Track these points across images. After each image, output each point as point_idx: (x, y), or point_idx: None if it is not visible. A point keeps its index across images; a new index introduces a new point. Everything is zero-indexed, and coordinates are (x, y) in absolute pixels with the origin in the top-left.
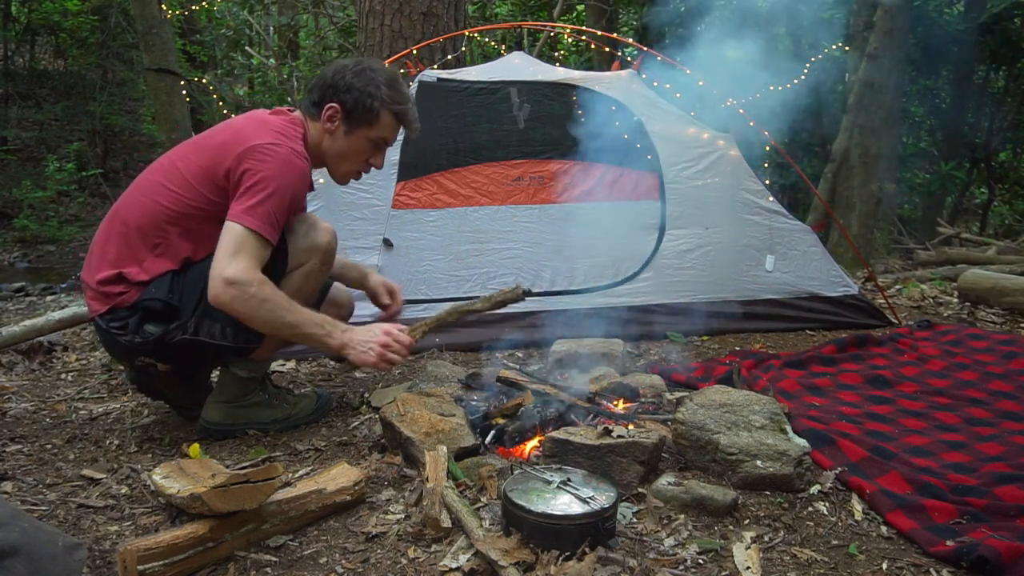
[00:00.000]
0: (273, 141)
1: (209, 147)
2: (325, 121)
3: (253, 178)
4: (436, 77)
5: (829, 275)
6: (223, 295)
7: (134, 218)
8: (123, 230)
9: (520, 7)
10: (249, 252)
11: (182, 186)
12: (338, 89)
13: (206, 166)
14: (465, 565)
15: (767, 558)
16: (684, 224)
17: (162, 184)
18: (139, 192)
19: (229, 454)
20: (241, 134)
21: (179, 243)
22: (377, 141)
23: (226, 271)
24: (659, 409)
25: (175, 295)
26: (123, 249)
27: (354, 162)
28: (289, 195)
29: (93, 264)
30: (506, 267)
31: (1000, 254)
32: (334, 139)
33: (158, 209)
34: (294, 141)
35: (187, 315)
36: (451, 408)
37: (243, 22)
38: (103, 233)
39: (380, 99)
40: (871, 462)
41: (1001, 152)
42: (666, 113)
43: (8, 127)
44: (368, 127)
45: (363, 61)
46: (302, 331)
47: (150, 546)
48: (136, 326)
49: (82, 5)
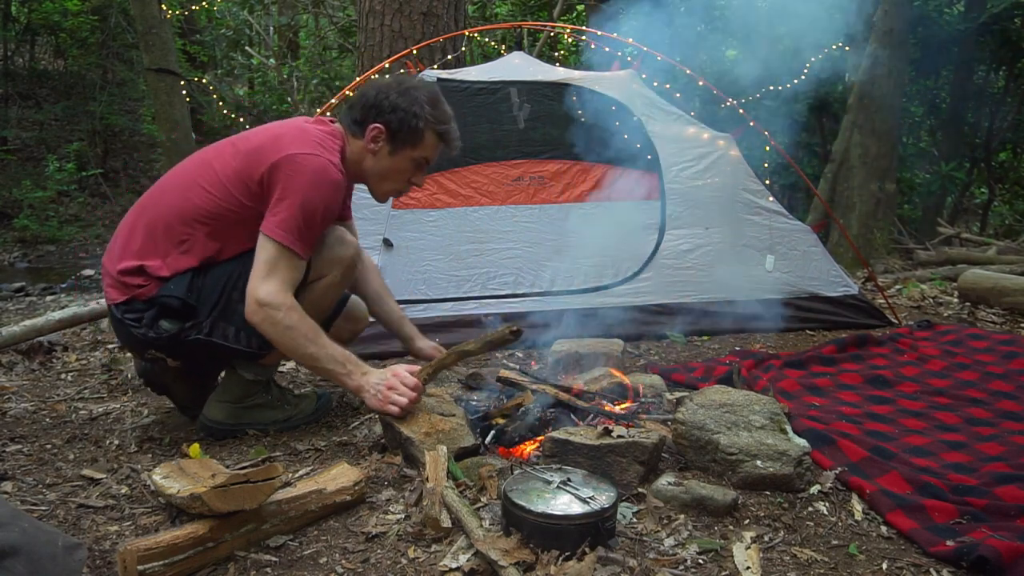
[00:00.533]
0: (310, 151)
1: (245, 150)
2: (369, 142)
3: (287, 190)
4: (436, 77)
5: (829, 275)
6: (254, 316)
7: (163, 213)
8: (150, 223)
9: (520, 7)
10: (282, 272)
11: (216, 186)
12: (382, 110)
13: (240, 169)
14: (465, 565)
15: (767, 558)
16: (684, 224)
17: (196, 182)
18: (171, 187)
19: (229, 454)
20: (279, 141)
21: (205, 243)
22: (420, 160)
23: (259, 291)
24: (659, 409)
25: (193, 294)
26: (148, 242)
27: (396, 181)
28: (322, 208)
29: (116, 253)
30: (506, 267)
31: (1000, 254)
32: (377, 159)
33: (189, 207)
34: (331, 153)
35: (203, 315)
36: (451, 408)
37: (243, 22)
38: (129, 223)
39: (424, 119)
40: (871, 462)
41: (1001, 152)
42: (666, 113)
43: (8, 127)
44: (412, 147)
45: (405, 80)
46: (322, 365)
47: (150, 546)
48: (151, 320)
49: (82, 5)
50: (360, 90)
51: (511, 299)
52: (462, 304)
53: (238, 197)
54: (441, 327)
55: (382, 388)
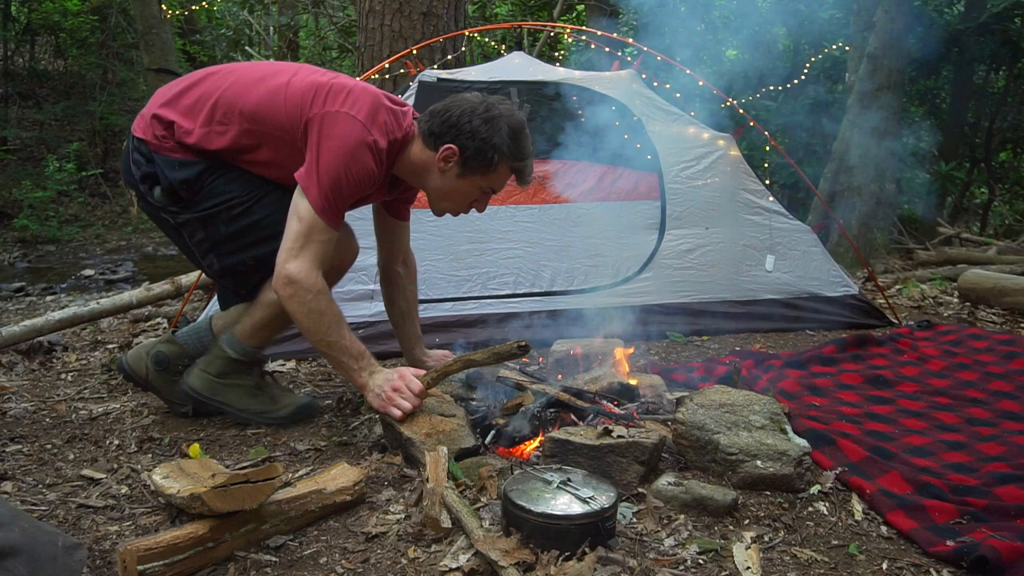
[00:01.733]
0: (360, 119)
1: (308, 83)
2: (440, 160)
3: (323, 150)
4: (436, 77)
5: (829, 275)
6: (283, 290)
7: (221, 91)
8: (205, 93)
9: (520, 7)
10: (314, 246)
11: (272, 95)
12: (462, 132)
13: (298, 95)
14: (465, 565)
15: (767, 558)
16: (684, 224)
17: (264, 81)
18: (239, 75)
19: (229, 454)
20: (336, 91)
21: (239, 136)
22: (487, 189)
23: (290, 267)
24: (659, 409)
25: (190, 188)
26: (194, 105)
27: (457, 203)
28: (352, 184)
29: (161, 98)
30: (506, 267)
31: (1000, 254)
32: (444, 177)
33: (248, 99)
34: (380, 134)
35: (191, 212)
36: (451, 408)
37: (243, 22)
38: (187, 82)
39: (502, 152)
40: (871, 462)
41: (1001, 152)
42: (666, 113)
43: (8, 127)
44: (482, 175)
45: (494, 106)
46: (335, 355)
47: (150, 546)
48: (145, 178)
49: (82, 5)
50: (445, 102)
51: (511, 299)
52: (462, 304)
53: (282, 118)
54: (441, 327)
55: (386, 389)
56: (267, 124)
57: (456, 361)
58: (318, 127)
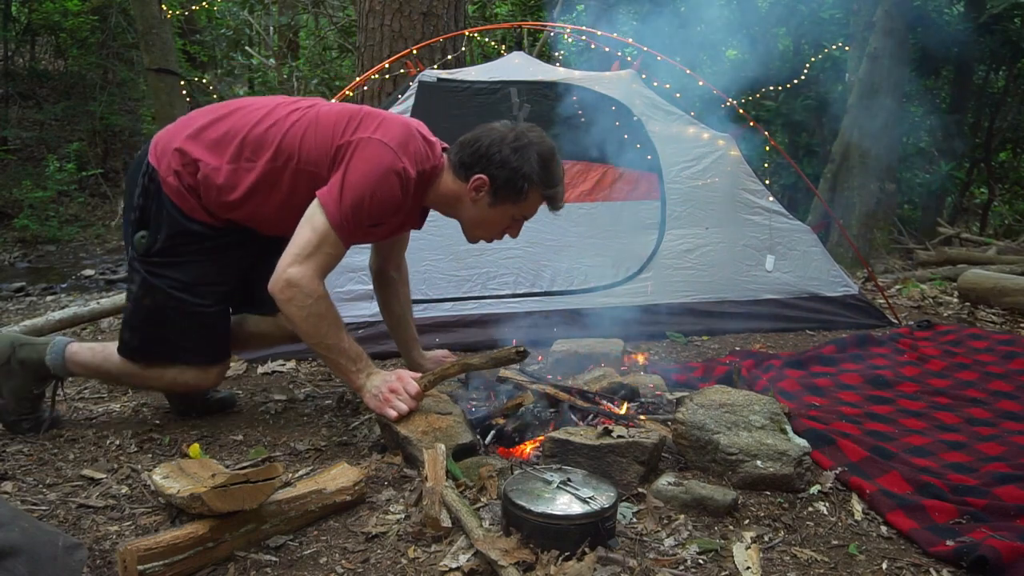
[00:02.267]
0: (392, 146)
1: (340, 110)
2: (471, 190)
3: (350, 170)
4: (436, 77)
5: (829, 275)
6: (282, 292)
7: (245, 127)
8: (233, 130)
9: (520, 7)
10: (321, 257)
11: (303, 127)
12: (492, 162)
13: (330, 124)
14: (465, 565)
15: (767, 558)
16: (684, 224)
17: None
18: (265, 111)
19: (229, 454)
20: (369, 119)
21: (263, 176)
22: (519, 217)
23: (292, 270)
24: (659, 409)
25: (162, 246)
26: (221, 140)
27: (490, 231)
28: (376, 196)
29: (192, 128)
30: (506, 267)
31: (1000, 254)
32: (476, 207)
33: (273, 133)
34: (410, 163)
35: (145, 267)
36: (447, 406)
37: (243, 22)
38: (219, 115)
39: (532, 180)
40: (871, 462)
41: (1001, 152)
42: (666, 113)
43: (8, 127)
44: (513, 203)
45: (524, 135)
46: (333, 357)
47: (150, 546)
48: (141, 216)
49: (82, 5)
50: (475, 132)
51: (511, 299)
52: (462, 304)
53: (312, 151)
54: (441, 327)
55: (383, 390)
56: (296, 159)
57: (454, 365)
58: (350, 152)
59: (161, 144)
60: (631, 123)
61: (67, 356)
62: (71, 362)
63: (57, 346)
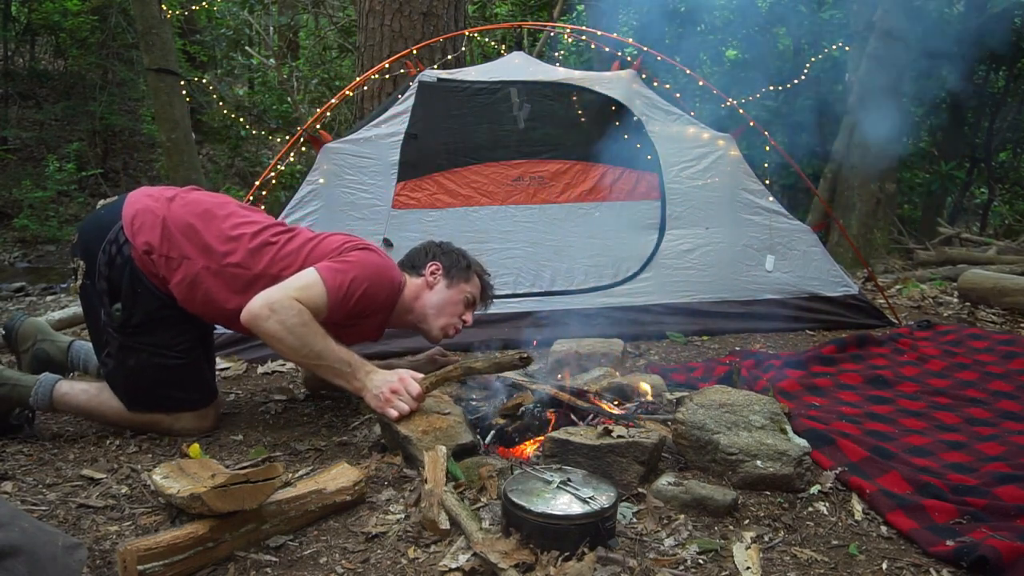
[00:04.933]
0: (385, 255)
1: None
2: (428, 276)
3: (352, 256)
4: (436, 77)
5: (829, 275)
6: (260, 312)
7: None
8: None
9: (520, 7)
10: (307, 295)
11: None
12: (436, 254)
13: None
14: (465, 565)
15: (767, 558)
16: (684, 224)
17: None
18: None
19: (229, 454)
20: (367, 242)
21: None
22: (469, 298)
23: (274, 295)
24: (659, 409)
25: (137, 316)
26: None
27: (450, 315)
28: (371, 289)
29: (158, 236)
30: (506, 267)
31: (1000, 254)
32: (435, 292)
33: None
34: (397, 273)
35: (125, 336)
36: (447, 406)
37: (243, 22)
38: (185, 216)
39: (471, 262)
40: (871, 462)
41: (1001, 152)
42: (666, 113)
43: (8, 127)
44: (465, 282)
45: (441, 243)
46: (327, 363)
47: (150, 546)
48: (110, 288)
49: (82, 5)
50: (412, 249)
51: (511, 299)
52: None
53: None
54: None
55: (384, 391)
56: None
57: (456, 367)
58: (358, 250)
59: (149, 214)
60: (631, 123)
61: (55, 397)
62: (60, 403)
63: (44, 386)
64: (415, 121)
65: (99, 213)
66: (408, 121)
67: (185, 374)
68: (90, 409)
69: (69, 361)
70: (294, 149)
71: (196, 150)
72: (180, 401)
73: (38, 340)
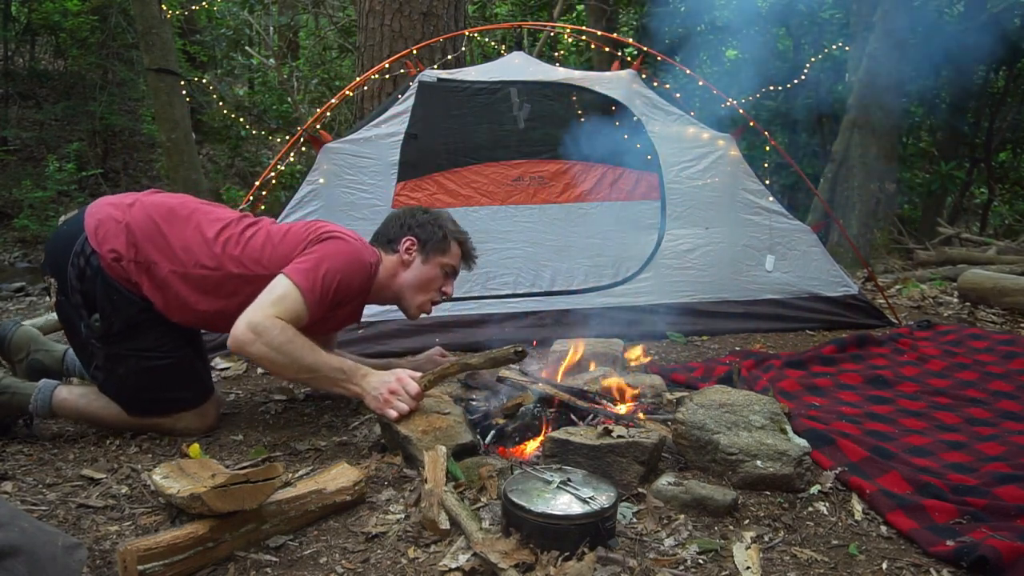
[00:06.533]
0: (353, 237)
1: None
2: (403, 252)
3: (317, 249)
4: (436, 77)
5: (829, 275)
6: (244, 336)
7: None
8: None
9: (520, 7)
10: (286, 307)
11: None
12: (411, 226)
13: (295, 239)
14: (465, 565)
15: (767, 558)
16: (684, 224)
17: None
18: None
19: (229, 454)
20: (331, 226)
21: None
22: (448, 269)
23: (255, 317)
24: (659, 409)
25: (117, 324)
26: (163, 243)
27: (428, 291)
28: (344, 279)
29: (123, 243)
30: (506, 267)
31: (1000, 254)
32: (411, 269)
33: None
34: (370, 255)
35: (111, 345)
36: (447, 406)
37: (243, 22)
38: (155, 220)
39: (447, 230)
40: (871, 462)
41: (1001, 152)
42: (666, 113)
43: (8, 127)
44: (441, 255)
45: (421, 208)
46: (323, 374)
47: (150, 546)
48: (85, 301)
49: (82, 5)
50: (387, 217)
51: (511, 299)
52: (462, 304)
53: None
54: (441, 327)
55: (383, 391)
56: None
57: (453, 364)
58: (323, 241)
59: (94, 217)
60: (631, 123)
61: (55, 403)
62: (60, 409)
63: (43, 392)
64: (415, 121)
65: (61, 228)
66: (408, 121)
67: (176, 373)
68: (90, 413)
69: (65, 369)
70: (294, 149)
71: (196, 150)
72: (176, 401)
73: (32, 351)
